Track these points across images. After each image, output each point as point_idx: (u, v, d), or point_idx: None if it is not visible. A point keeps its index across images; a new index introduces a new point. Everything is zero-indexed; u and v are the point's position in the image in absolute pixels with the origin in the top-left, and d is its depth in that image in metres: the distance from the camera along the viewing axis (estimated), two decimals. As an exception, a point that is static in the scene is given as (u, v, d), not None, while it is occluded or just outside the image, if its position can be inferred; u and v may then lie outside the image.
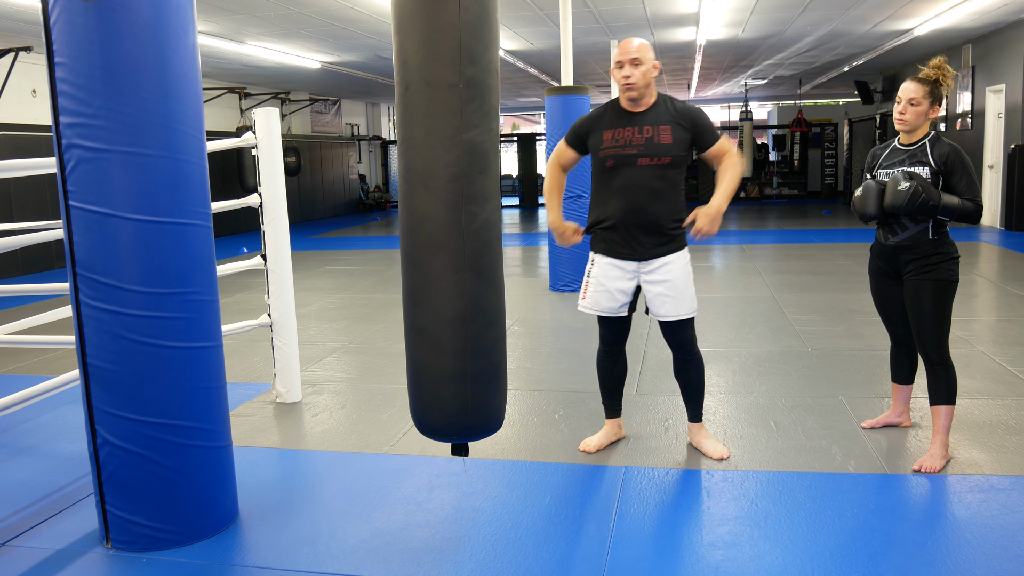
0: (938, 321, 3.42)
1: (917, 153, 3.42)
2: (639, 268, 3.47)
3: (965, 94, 13.70)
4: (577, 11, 9.90)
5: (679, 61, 15.37)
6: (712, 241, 12.31)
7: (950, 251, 3.42)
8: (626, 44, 3.35)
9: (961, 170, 3.34)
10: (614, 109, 3.47)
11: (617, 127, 3.42)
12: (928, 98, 3.38)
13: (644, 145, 3.36)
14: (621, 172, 3.39)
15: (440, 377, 2.38)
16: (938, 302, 3.40)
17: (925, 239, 3.41)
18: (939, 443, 3.44)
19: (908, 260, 3.46)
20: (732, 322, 6.43)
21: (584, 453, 3.71)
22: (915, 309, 3.45)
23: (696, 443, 3.70)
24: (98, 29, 2.57)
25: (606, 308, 3.53)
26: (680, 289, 3.46)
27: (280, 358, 4.57)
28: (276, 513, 3.19)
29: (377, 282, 9.22)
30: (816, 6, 10.16)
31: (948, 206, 3.28)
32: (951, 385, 3.44)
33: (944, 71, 3.41)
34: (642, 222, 3.41)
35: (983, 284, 7.90)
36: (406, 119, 2.29)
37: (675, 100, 3.48)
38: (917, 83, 3.40)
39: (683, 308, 3.47)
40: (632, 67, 3.31)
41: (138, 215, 2.69)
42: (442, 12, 2.17)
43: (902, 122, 3.43)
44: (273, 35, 10.86)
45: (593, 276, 3.55)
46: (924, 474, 3.36)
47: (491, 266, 2.38)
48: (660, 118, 3.39)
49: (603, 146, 3.43)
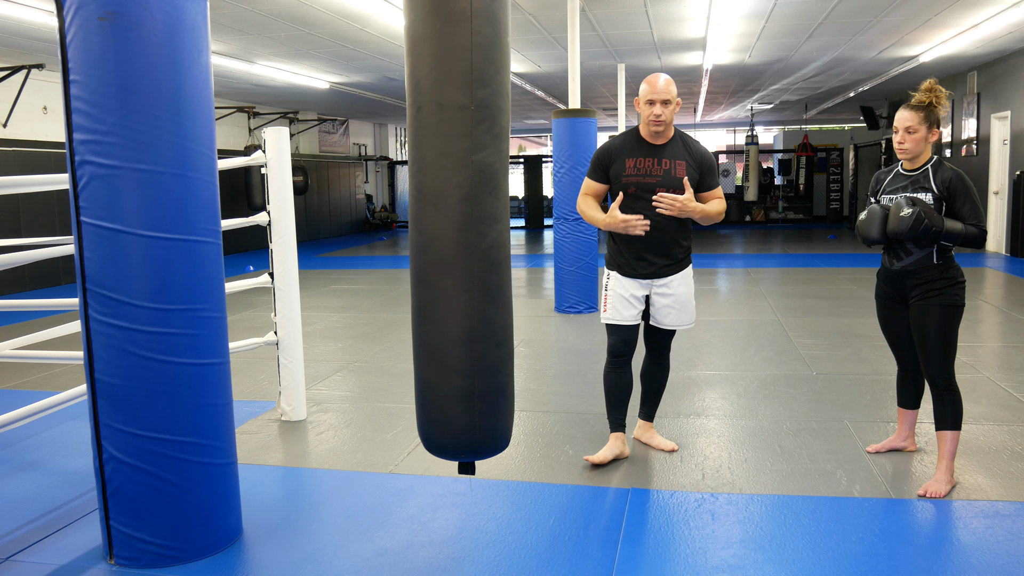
0: (943, 346, 3.41)
1: (920, 179, 3.43)
2: (652, 283, 3.73)
3: (970, 121, 13.75)
4: (585, 35, 9.98)
5: (686, 85, 15.46)
6: (717, 264, 12.32)
7: (955, 276, 3.42)
8: (657, 83, 3.58)
9: (964, 196, 3.34)
10: (635, 139, 3.71)
11: (639, 156, 3.67)
12: (924, 123, 3.40)
13: (663, 176, 3.62)
14: (641, 199, 3.63)
15: (448, 395, 2.39)
16: (943, 327, 3.40)
17: (930, 264, 3.41)
18: (944, 468, 3.43)
19: (913, 285, 3.46)
20: (737, 345, 6.43)
21: (588, 466, 3.75)
22: (921, 334, 3.45)
23: (646, 439, 4.03)
24: (113, 47, 2.61)
25: (626, 316, 3.74)
26: (684, 303, 3.77)
27: (286, 376, 4.58)
28: (280, 531, 3.19)
29: (382, 302, 9.24)
30: (822, 32, 10.23)
31: (951, 232, 3.29)
32: (957, 410, 3.43)
33: (936, 93, 3.42)
34: (656, 246, 3.67)
35: (988, 310, 7.88)
36: (418, 140, 2.31)
37: (689, 139, 3.76)
38: (911, 111, 3.42)
39: (685, 319, 3.80)
40: (663, 107, 3.57)
41: (149, 231, 2.71)
42: (454, 35, 2.20)
43: (903, 151, 3.45)
44: (283, 55, 10.96)
45: (611, 288, 3.78)
46: (929, 499, 3.35)
47: (500, 286, 2.39)
48: (677, 153, 3.67)
49: (626, 173, 3.66)
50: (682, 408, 4.73)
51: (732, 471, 3.72)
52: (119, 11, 2.59)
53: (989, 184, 13.04)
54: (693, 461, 3.86)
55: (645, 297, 3.74)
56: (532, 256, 14.43)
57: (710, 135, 29.43)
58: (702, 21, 9.50)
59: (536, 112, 19.60)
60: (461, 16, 2.19)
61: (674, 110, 3.61)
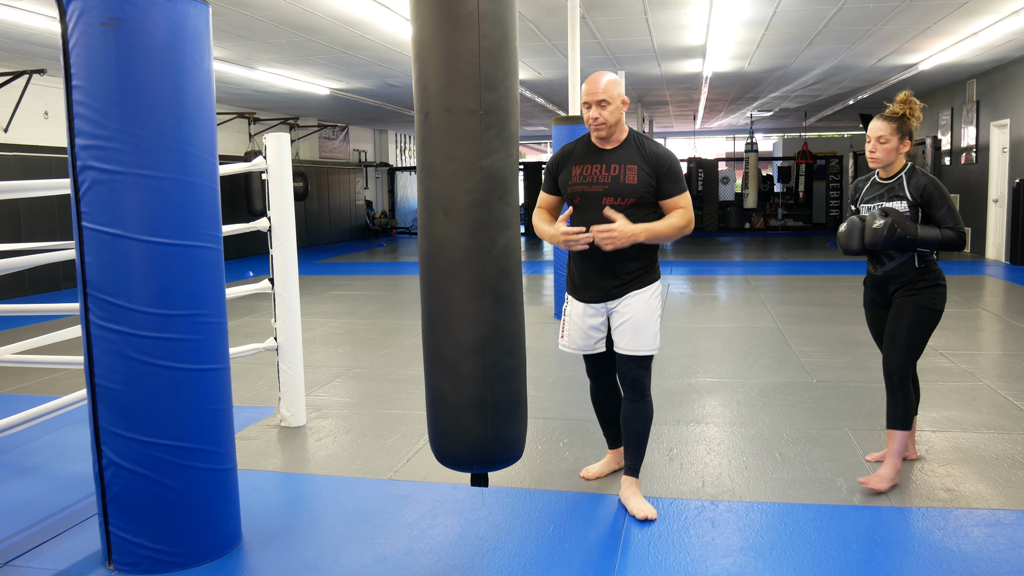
0: (909, 343, 3.47)
1: (895, 187, 3.49)
2: (605, 305, 3.35)
3: (970, 128, 13.77)
4: (585, 42, 10.00)
5: (685, 92, 15.48)
6: (717, 271, 12.32)
7: (936, 279, 3.49)
8: (593, 85, 3.20)
9: (940, 201, 3.41)
10: (586, 144, 3.35)
11: (586, 163, 3.30)
12: (897, 134, 3.46)
13: (610, 184, 3.22)
14: (589, 210, 3.25)
15: (460, 405, 2.36)
16: (915, 325, 3.46)
17: (912, 267, 3.49)
18: (890, 465, 3.49)
19: (896, 288, 3.54)
20: (737, 353, 6.43)
21: (584, 480, 3.71)
22: (892, 327, 3.52)
23: (624, 498, 3.40)
24: (116, 53, 2.61)
25: (581, 346, 3.44)
26: (638, 324, 3.27)
27: (285, 382, 4.57)
28: (279, 537, 3.18)
29: (382, 308, 9.23)
30: (822, 40, 10.25)
31: (925, 238, 3.36)
32: (908, 410, 3.49)
33: (911, 105, 3.49)
34: (604, 266, 3.27)
35: (988, 318, 7.89)
36: (426, 146, 2.30)
37: (646, 139, 3.31)
38: (884, 121, 3.49)
39: (642, 343, 3.28)
40: (600, 108, 3.19)
41: (150, 237, 2.72)
42: (462, 39, 2.20)
43: (874, 160, 3.53)
44: (283, 62, 10.98)
45: (568, 315, 3.48)
46: (871, 489, 3.45)
47: (511, 292, 2.38)
48: (629, 157, 3.25)
49: (572, 182, 3.31)
50: (682, 415, 4.73)
51: (732, 479, 3.71)
52: (122, 17, 2.60)
53: (988, 192, 13.06)
54: (693, 468, 3.85)
55: (607, 320, 3.37)
56: (532, 263, 14.42)
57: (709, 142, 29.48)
58: (702, 29, 9.52)
59: (536, 119, 19.62)
60: (468, 20, 2.19)
61: (617, 110, 3.20)
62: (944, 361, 5.92)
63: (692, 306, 9.00)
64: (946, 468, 3.79)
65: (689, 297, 9.69)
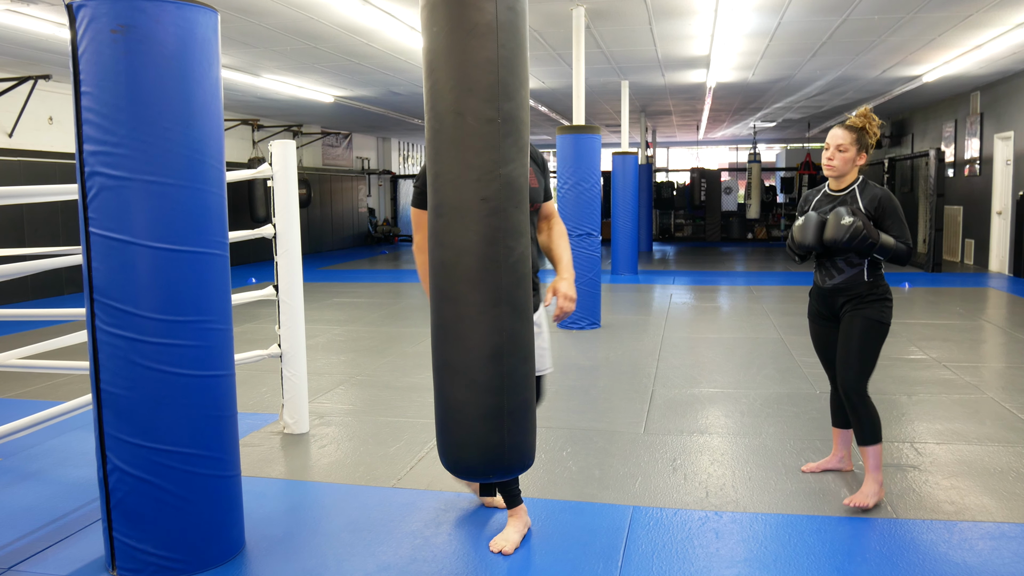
0: (861, 359, 3.46)
1: (847, 199, 3.50)
2: None
3: (973, 141, 13.78)
4: (590, 52, 10.03)
5: (689, 103, 15.51)
6: (719, 281, 12.32)
7: (883, 293, 3.49)
8: None
9: (892, 214, 3.42)
10: None
11: None
12: (855, 145, 3.47)
13: None
14: None
15: (476, 415, 2.35)
16: (865, 339, 3.45)
17: (861, 281, 3.48)
18: (871, 481, 3.47)
19: (844, 301, 3.53)
20: (740, 363, 6.42)
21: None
22: (844, 343, 3.50)
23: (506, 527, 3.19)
24: (125, 60, 2.62)
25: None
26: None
27: (289, 389, 4.57)
28: (282, 544, 3.17)
29: (385, 315, 9.24)
30: (826, 51, 10.27)
31: (884, 246, 3.37)
32: (874, 424, 3.47)
33: (870, 119, 3.51)
34: None
35: (991, 330, 7.88)
36: (440, 154, 2.29)
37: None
38: (845, 130, 3.50)
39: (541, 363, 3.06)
40: None
41: (157, 243, 2.72)
42: (481, 48, 2.20)
43: (830, 168, 3.52)
44: (288, 69, 11.01)
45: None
46: (857, 507, 3.41)
47: (525, 300, 2.39)
48: None
49: None
50: (685, 426, 4.72)
51: (736, 489, 3.71)
52: (131, 24, 2.61)
53: (992, 204, 13.06)
54: (696, 479, 3.85)
55: None
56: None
57: (713, 152, 29.50)
58: (706, 39, 9.54)
59: (540, 128, 19.65)
60: (487, 30, 2.20)
61: None
62: (948, 373, 5.92)
63: (694, 316, 9.00)
64: (950, 480, 3.78)
65: (692, 307, 9.68)
